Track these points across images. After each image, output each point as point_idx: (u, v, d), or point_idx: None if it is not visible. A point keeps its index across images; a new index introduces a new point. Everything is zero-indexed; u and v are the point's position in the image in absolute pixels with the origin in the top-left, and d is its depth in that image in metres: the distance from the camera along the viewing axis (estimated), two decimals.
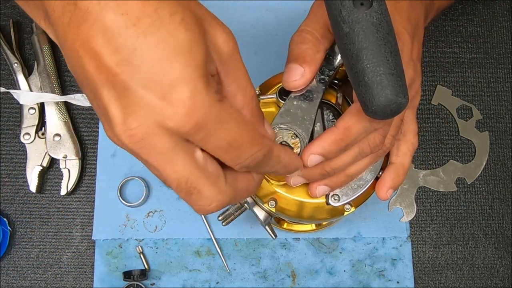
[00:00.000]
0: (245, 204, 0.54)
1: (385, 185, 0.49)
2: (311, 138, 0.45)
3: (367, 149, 0.44)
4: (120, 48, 0.31)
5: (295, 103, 0.44)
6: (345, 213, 0.50)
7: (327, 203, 0.49)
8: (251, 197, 0.52)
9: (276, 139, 0.44)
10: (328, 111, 0.48)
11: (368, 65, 0.36)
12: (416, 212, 0.69)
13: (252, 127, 0.36)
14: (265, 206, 0.50)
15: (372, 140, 0.43)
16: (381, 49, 0.36)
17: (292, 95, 0.45)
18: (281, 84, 0.45)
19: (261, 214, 0.53)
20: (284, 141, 0.44)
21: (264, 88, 0.51)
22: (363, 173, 0.48)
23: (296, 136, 0.44)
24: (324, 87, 0.44)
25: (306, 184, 0.48)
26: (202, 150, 0.35)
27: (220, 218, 0.56)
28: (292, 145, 0.44)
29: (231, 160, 0.36)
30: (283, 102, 0.46)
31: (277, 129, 0.44)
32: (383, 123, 0.42)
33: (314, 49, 0.42)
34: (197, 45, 0.33)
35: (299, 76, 0.43)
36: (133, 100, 0.32)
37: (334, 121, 0.47)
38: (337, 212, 0.50)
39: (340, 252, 0.68)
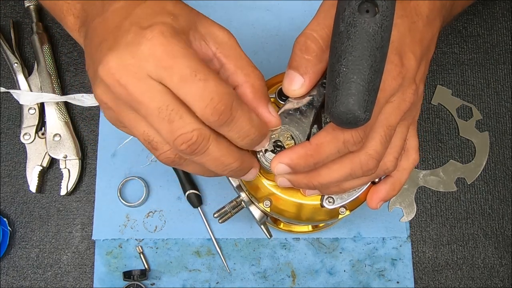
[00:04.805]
0: (242, 203, 0.53)
1: (379, 196, 0.49)
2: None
3: (359, 172, 0.43)
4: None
5: (294, 104, 0.44)
6: (340, 216, 0.49)
7: (322, 206, 0.48)
8: (247, 195, 0.52)
9: (272, 136, 0.44)
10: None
11: (344, 69, 0.36)
12: (416, 212, 0.69)
13: (216, 76, 0.38)
14: (260, 205, 0.50)
15: (365, 164, 0.42)
16: (363, 60, 0.35)
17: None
18: (280, 84, 0.45)
19: (256, 213, 0.53)
20: (279, 141, 0.44)
21: None
22: None
23: (292, 138, 0.44)
24: (325, 91, 0.44)
25: None
26: None
27: (216, 215, 0.55)
28: (286, 146, 0.43)
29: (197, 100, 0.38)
30: (282, 102, 0.46)
31: None
32: (358, 146, 0.41)
33: (317, 60, 0.41)
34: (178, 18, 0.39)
35: (299, 86, 0.42)
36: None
37: None
38: (334, 214, 0.50)
39: (340, 252, 0.68)
